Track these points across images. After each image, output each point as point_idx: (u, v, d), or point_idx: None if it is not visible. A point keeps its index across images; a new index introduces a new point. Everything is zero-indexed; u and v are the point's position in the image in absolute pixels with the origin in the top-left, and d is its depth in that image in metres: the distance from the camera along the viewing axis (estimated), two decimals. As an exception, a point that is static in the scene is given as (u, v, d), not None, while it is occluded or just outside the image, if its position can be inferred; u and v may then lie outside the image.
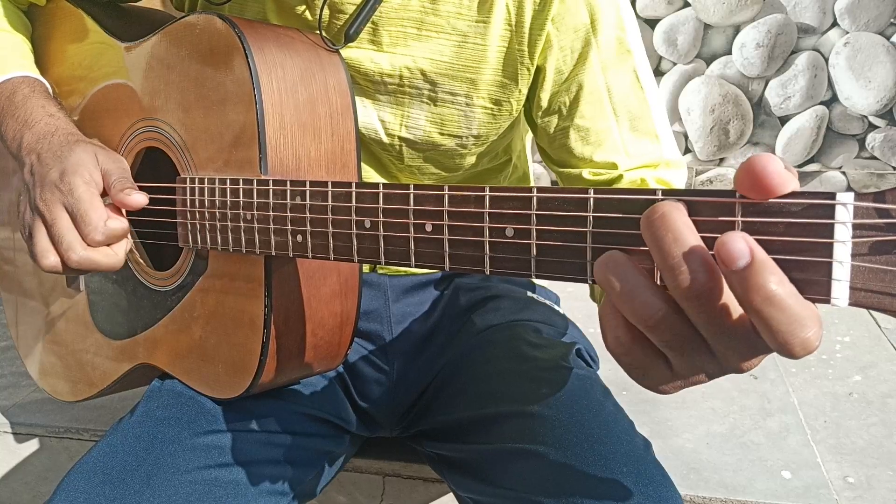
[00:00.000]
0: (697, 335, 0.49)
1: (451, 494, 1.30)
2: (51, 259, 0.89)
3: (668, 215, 0.46)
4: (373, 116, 0.99)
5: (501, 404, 0.96)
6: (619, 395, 0.98)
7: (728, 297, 0.46)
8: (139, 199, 0.89)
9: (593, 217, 0.51)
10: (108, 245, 0.88)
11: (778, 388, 1.61)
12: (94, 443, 0.91)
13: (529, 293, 1.19)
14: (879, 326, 1.90)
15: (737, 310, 0.47)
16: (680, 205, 0.47)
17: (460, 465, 1.00)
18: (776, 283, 0.43)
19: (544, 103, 0.96)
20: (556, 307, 1.19)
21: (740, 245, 0.44)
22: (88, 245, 0.87)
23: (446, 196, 0.60)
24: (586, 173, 0.97)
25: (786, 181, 0.45)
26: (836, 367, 1.71)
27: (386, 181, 1.04)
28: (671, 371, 0.52)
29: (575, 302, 1.29)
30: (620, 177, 0.95)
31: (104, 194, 0.91)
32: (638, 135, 0.96)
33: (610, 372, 1.05)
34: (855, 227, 0.42)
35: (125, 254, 0.90)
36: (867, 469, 1.35)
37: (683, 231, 0.46)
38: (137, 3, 1.12)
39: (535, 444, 0.88)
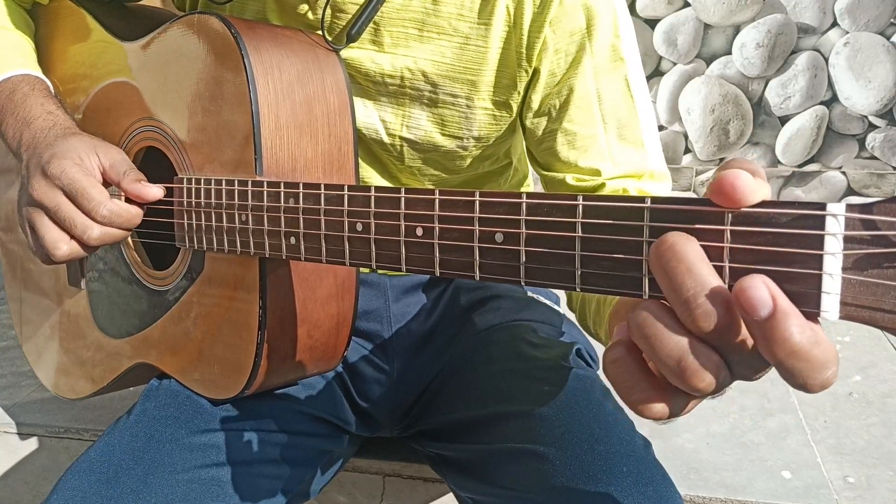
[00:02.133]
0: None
1: (451, 494, 1.31)
2: (63, 248, 0.89)
3: (678, 245, 0.45)
4: (374, 116, 0.99)
5: (501, 404, 0.96)
6: (618, 395, 0.98)
7: (745, 330, 0.45)
8: (156, 191, 0.90)
9: (582, 223, 0.51)
10: (116, 222, 0.88)
11: (778, 388, 1.61)
12: (93, 442, 0.91)
13: (529, 293, 1.19)
14: (880, 326, 1.90)
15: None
16: (688, 235, 0.46)
17: (460, 464, 1.00)
18: (799, 332, 0.41)
19: (535, 105, 0.96)
20: (555, 307, 1.19)
21: (762, 293, 0.42)
22: (97, 221, 0.87)
23: (437, 200, 0.60)
24: (570, 178, 0.96)
25: (755, 192, 0.44)
26: (836, 367, 1.71)
27: (387, 182, 1.04)
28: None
29: (574, 302, 1.29)
30: (603, 185, 0.95)
31: (104, 185, 0.91)
32: (624, 143, 0.95)
33: (609, 372, 1.05)
34: (845, 238, 0.42)
35: (139, 213, 0.91)
36: (867, 469, 1.35)
37: (696, 262, 0.44)
38: (139, 2, 1.12)
39: (534, 444, 0.88)
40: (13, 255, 1.27)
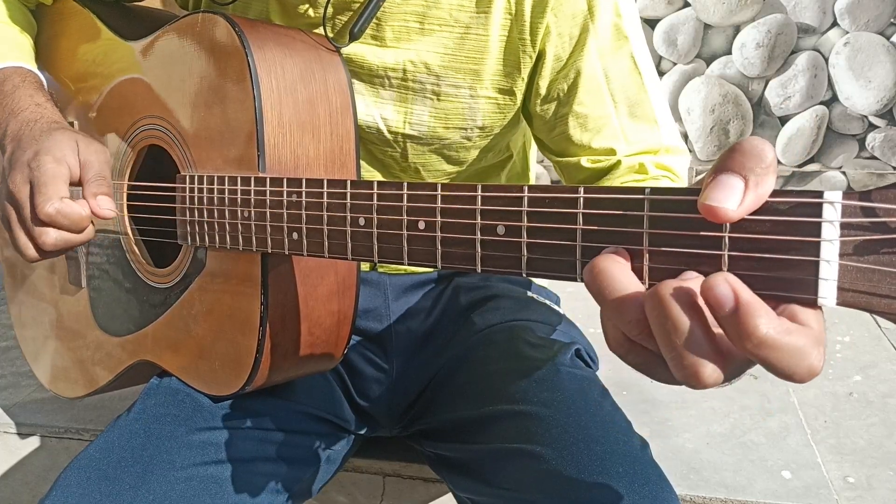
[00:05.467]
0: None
1: (451, 494, 1.30)
2: (31, 252, 0.89)
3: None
4: (375, 114, 0.99)
5: (499, 404, 0.96)
6: (619, 395, 0.98)
7: (699, 331, 0.46)
8: (107, 211, 0.89)
9: (583, 215, 0.51)
10: (61, 223, 0.87)
11: (778, 388, 1.61)
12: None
13: (529, 293, 1.19)
14: (879, 326, 1.90)
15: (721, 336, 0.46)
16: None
17: (458, 464, 1.00)
18: (765, 325, 0.42)
19: (543, 91, 0.96)
20: (555, 307, 1.19)
21: (723, 289, 0.43)
22: (38, 216, 0.86)
23: (439, 194, 0.60)
24: (585, 161, 0.96)
25: (744, 212, 0.45)
26: (836, 367, 1.71)
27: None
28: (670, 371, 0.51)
29: (575, 302, 1.29)
30: (619, 163, 0.95)
31: (77, 183, 0.91)
32: (636, 121, 0.95)
33: (611, 372, 1.05)
34: (842, 226, 0.42)
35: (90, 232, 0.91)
36: (867, 469, 1.35)
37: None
38: (140, 3, 1.13)
39: (532, 444, 0.88)
40: (13, 255, 1.27)
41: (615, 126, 0.95)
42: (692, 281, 0.47)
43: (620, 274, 0.49)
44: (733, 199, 0.44)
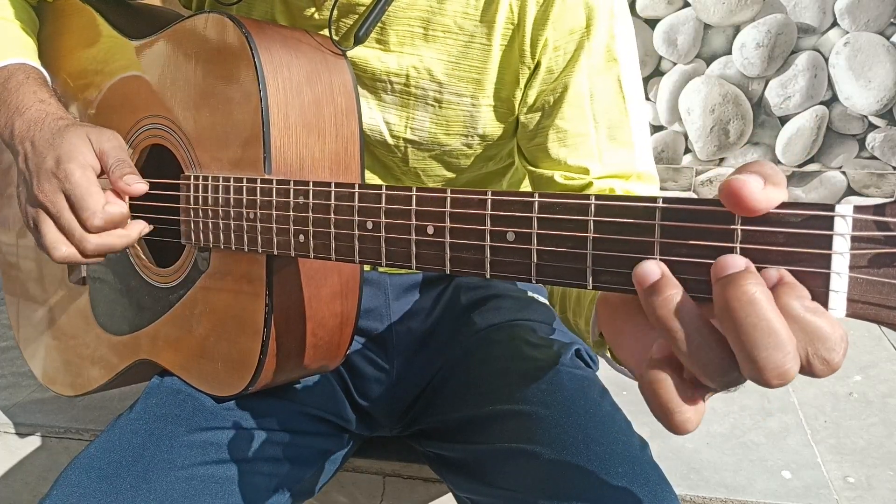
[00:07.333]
0: None
1: (451, 494, 1.31)
2: (63, 250, 0.89)
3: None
4: (377, 118, 0.99)
5: (499, 404, 0.96)
6: (619, 395, 0.98)
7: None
8: (140, 187, 0.89)
9: (594, 222, 0.51)
10: (110, 229, 0.88)
11: (778, 388, 1.61)
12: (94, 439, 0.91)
13: (530, 293, 1.19)
14: (879, 326, 1.91)
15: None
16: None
17: (458, 464, 1.00)
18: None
19: (530, 100, 0.96)
20: (556, 307, 1.19)
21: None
22: (89, 231, 0.87)
23: (448, 199, 0.60)
24: (558, 176, 0.96)
25: (764, 201, 0.44)
26: (836, 367, 1.72)
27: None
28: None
29: (575, 302, 1.29)
30: (590, 184, 0.94)
31: (102, 175, 0.91)
32: (615, 143, 0.95)
33: (611, 372, 1.05)
34: (853, 239, 0.43)
35: (139, 234, 0.91)
36: (867, 469, 1.35)
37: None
38: (144, 1, 1.12)
39: (531, 444, 0.88)
40: (11, 254, 1.27)
41: (592, 145, 0.95)
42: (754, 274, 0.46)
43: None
44: (758, 183, 0.44)
